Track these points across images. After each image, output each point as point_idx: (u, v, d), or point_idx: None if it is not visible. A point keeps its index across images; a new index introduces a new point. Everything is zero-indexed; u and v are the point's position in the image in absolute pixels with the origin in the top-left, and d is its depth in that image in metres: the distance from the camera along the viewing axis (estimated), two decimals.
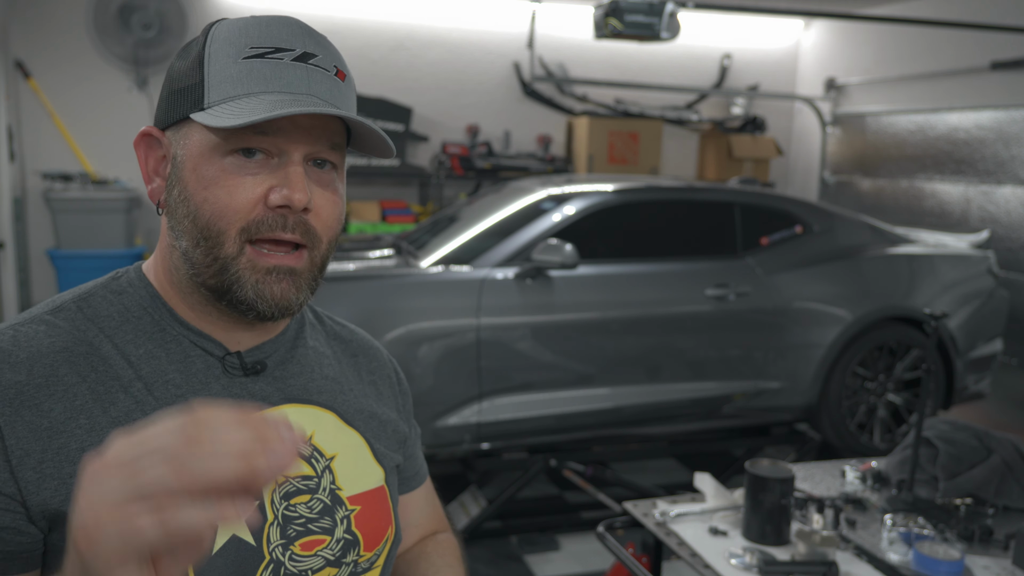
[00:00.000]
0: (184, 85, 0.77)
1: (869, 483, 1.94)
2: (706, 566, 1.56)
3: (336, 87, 0.79)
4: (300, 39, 0.77)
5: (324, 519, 0.83)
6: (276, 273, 0.78)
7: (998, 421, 4.65)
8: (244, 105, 0.73)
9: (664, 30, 3.85)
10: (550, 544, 3.27)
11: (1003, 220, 4.97)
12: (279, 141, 0.76)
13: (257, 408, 0.82)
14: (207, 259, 0.77)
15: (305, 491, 0.83)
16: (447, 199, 5.90)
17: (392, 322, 3.03)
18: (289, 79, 0.76)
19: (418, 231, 3.95)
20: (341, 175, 0.83)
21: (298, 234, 0.78)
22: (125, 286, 0.83)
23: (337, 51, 0.81)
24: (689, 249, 3.62)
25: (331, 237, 0.82)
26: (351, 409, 0.92)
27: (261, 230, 0.76)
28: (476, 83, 5.99)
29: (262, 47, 0.76)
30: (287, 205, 0.76)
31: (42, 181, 5.01)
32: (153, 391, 0.78)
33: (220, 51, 0.76)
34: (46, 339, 0.76)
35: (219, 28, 0.78)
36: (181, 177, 0.78)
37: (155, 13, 5.08)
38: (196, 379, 0.80)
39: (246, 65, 0.75)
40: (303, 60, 0.77)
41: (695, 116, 6.37)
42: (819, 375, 3.68)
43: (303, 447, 0.80)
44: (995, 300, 4.06)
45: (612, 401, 3.37)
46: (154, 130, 0.81)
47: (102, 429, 0.74)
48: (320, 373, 0.91)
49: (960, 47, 5.23)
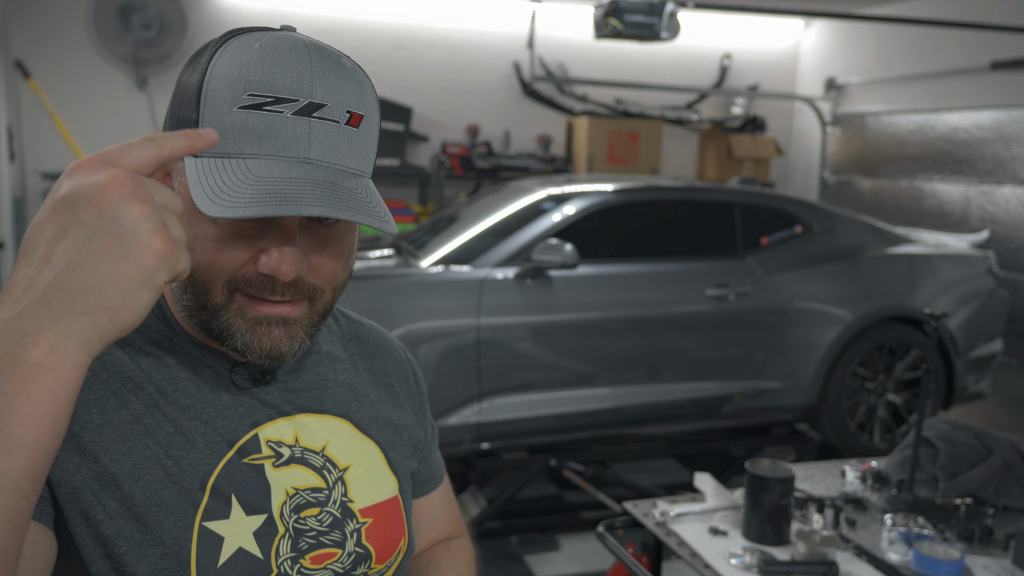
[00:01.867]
0: (184, 115, 0.72)
1: (869, 483, 1.94)
2: (706, 566, 1.56)
3: (344, 140, 0.71)
4: (307, 83, 0.69)
5: (335, 532, 0.81)
6: (267, 323, 0.74)
7: (998, 421, 4.65)
8: (230, 173, 0.67)
9: (664, 30, 3.85)
10: (550, 544, 3.27)
11: (1003, 220, 4.97)
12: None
13: (267, 414, 0.81)
14: (196, 304, 0.74)
15: (315, 504, 0.81)
16: (447, 199, 5.90)
17: (392, 322, 3.03)
18: (287, 139, 0.68)
19: (418, 231, 3.95)
20: (353, 224, 0.77)
21: (288, 295, 0.73)
22: None
23: (358, 82, 0.73)
24: (689, 249, 3.62)
25: (336, 286, 0.78)
26: (366, 417, 0.89)
27: (249, 288, 0.72)
28: (476, 83, 5.99)
29: (261, 96, 0.68)
30: (274, 276, 0.71)
31: (42, 181, 5.01)
32: (165, 396, 0.76)
33: (216, 93, 0.69)
34: None
35: (223, 56, 0.70)
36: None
37: (155, 13, 5.08)
38: (207, 387, 0.79)
39: (240, 117, 0.68)
40: (306, 113, 0.69)
41: (695, 116, 6.37)
42: (819, 375, 3.68)
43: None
44: (995, 300, 4.06)
45: (612, 401, 3.37)
46: None
47: (114, 427, 0.73)
48: (334, 380, 0.88)
49: (960, 47, 5.23)
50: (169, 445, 0.74)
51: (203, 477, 0.75)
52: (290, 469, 0.80)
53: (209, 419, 0.78)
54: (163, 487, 0.73)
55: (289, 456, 0.81)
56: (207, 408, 0.78)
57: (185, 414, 0.76)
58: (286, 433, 0.81)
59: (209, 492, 0.75)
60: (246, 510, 0.76)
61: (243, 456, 0.78)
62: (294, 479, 0.80)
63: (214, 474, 0.75)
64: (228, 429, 0.78)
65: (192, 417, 0.77)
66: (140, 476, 0.72)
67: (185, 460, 0.75)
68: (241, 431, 0.79)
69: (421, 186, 5.96)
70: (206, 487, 0.75)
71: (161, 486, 0.73)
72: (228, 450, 0.77)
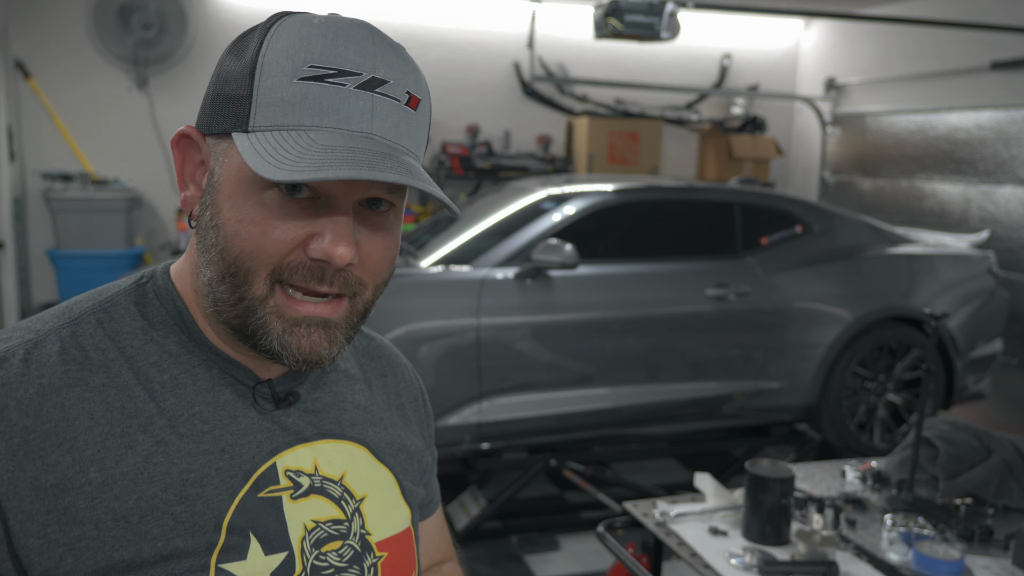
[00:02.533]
0: (231, 93, 0.67)
1: (869, 483, 1.94)
2: (706, 566, 1.56)
3: (405, 120, 0.68)
4: (370, 58, 0.66)
5: (353, 568, 0.77)
6: (307, 324, 0.69)
7: (998, 421, 4.65)
8: (291, 144, 0.63)
9: (664, 30, 3.85)
10: (550, 544, 3.27)
11: (1003, 220, 4.97)
12: (327, 184, 0.66)
13: (287, 440, 0.77)
14: (232, 297, 0.69)
15: (336, 536, 0.76)
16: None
17: (392, 322, 3.03)
18: (349, 112, 0.65)
19: (418, 231, 3.95)
20: (399, 215, 0.73)
21: (336, 287, 0.69)
22: (151, 296, 0.75)
23: (415, 68, 0.70)
24: (689, 249, 3.62)
25: (379, 283, 0.73)
26: (382, 442, 0.85)
27: (294, 277, 0.67)
28: (476, 83, 5.99)
29: (323, 68, 0.65)
30: (327, 260, 0.67)
31: (42, 181, 5.01)
32: (177, 427, 0.70)
33: (275, 64, 0.65)
34: (59, 368, 0.68)
35: (280, 31, 0.67)
36: (215, 200, 0.69)
37: (155, 13, 5.08)
38: (224, 411, 0.73)
39: (301, 88, 0.65)
40: (369, 88, 0.66)
41: (695, 116, 6.37)
42: (819, 375, 3.68)
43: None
44: (995, 300, 4.06)
45: (612, 401, 3.37)
46: (194, 132, 0.72)
47: (116, 482, 0.66)
48: (351, 401, 0.84)
49: (960, 47, 5.23)
50: (183, 484, 0.69)
51: (218, 516, 0.70)
52: (309, 500, 0.76)
53: (226, 447, 0.73)
54: (175, 536, 0.68)
55: (308, 486, 0.76)
56: (224, 435, 0.73)
57: (200, 445, 0.71)
58: (305, 461, 0.77)
59: (225, 532, 0.70)
60: (265, 549, 0.72)
61: (259, 489, 0.73)
62: (313, 511, 0.76)
63: (229, 512, 0.71)
64: (246, 459, 0.73)
65: (208, 448, 0.72)
66: (149, 530, 0.67)
67: (200, 499, 0.69)
68: (259, 460, 0.74)
69: None
70: (222, 527, 0.70)
71: (173, 535, 0.68)
72: (243, 484, 0.72)
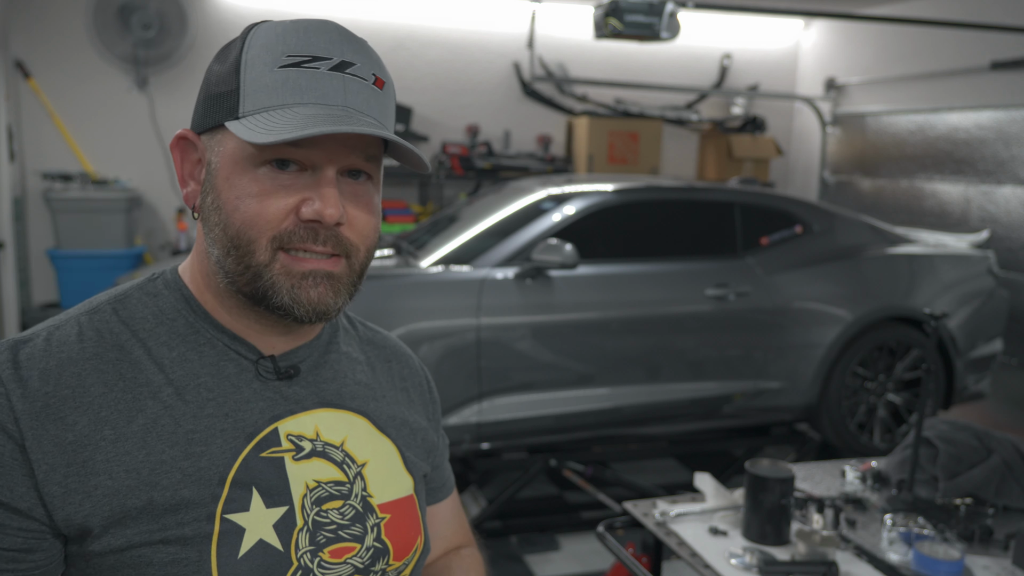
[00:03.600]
0: (220, 91, 0.77)
1: (869, 483, 1.94)
2: (706, 566, 1.56)
3: (373, 96, 0.78)
4: (338, 46, 0.76)
5: (355, 526, 0.82)
6: (313, 277, 0.77)
7: (998, 421, 4.65)
8: (278, 118, 0.72)
9: (664, 30, 3.85)
10: (550, 544, 3.27)
11: (1003, 220, 4.97)
12: (313, 154, 0.75)
13: (288, 408, 0.83)
14: (240, 267, 0.76)
15: (338, 496, 0.82)
16: (447, 199, 5.90)
17: (392, 322, 3.03)
18: (325, 90, 0.75)
19: (418, 231, 3.95)
20: (377, 185, 0.82)
21: (330, 246, 0.77)
22: (161, 288, 0.83)
23: (377, 57, 0.80)
24: (689, 249, 3.62)
25: (369, 246, 0.81)
26: (383, 416, 0.91)
27: (293, 241, 0.76)
28: (476, 83, 5.99)
29: (299, 55, 0.74)
30: (318, 220, 0.75)
31: (42, 181, 5.00)
32: (184, 395, 0.77)
33: (257, 58, 0.75)
34: (76, 345, 0.77)
35: (257, 33, 0.77)
36: (215, 185, 0.77)
37: (155, 13, 5.08)
38: (228, 382, 0.80)
39: (282, 74, 0.74)
40: (340, 69, 0.76)
41: (695, 116, 6.37)
42: (819, 375, 3.68)
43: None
44: (995, 300, 4.06)
45: (612, 401, 3.37)
46: (190, 133, 0.81)
47: (127, 439, 0.74)
48: (353, 378, 0.90)
49: (960, 47, 5.23)
50: (188, 443, 0.76)
51: (222, 472, 0.76)
52: (311, 463, 0.82)
53: (230, 412, 0.79)
54: (182, 487, 0.74)
55: (311, 450, 0.82)
56: (228, 402, 0.79)
57: (204, 409, 0.78)
58: (307, 427, 0.83)
59: (229, 486, 0.76)
60: (267, 502, 0.77)
61: (261, 450, 0.79)
62: (315, 472, 0.81)
63: (233, 468, 0.77)
64: (248, 423, 0.79)
65: (212, 412, 0.78)
66: (158, 481, 0.74)
67: (205, 456, 0.76)
68: (261, 425, 0.80)
69: (421, 186, 5.96)
70: (226, 481, 0.76)
71: (180, 486, 0.74)
72: (246, 444, 0.78)
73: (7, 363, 0.74)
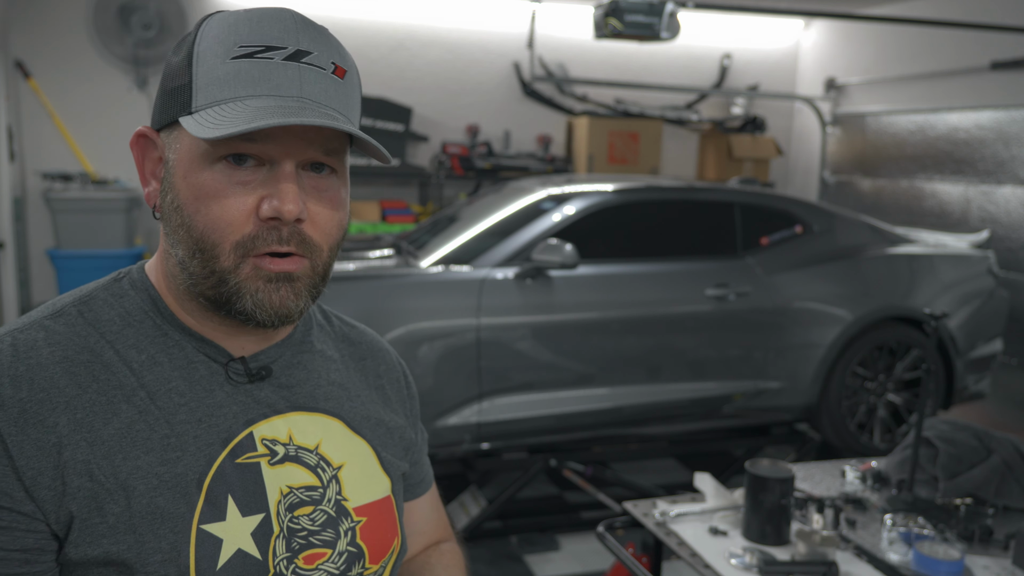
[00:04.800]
0: (174, 85, 0.74)
1: (869, 483, 1.94)
2: (706, 566, 1.56)
3: (332, 86, 0.74)
4: (293, 35, 0.73)
5: (327, 531, 0.81)
6: (275, 281, 0.75)
7: (998, 421, 4.64)
8: (228, 112, 0.70)
9: (664, 30, 3.85)
10: (550, 544, 3.27)
11: (1003, 220, 4.97)
12: (269, 148, 0.72)
13: (261, 412, 0.81)
14: (204, 271, 0.74)
15: (309, 502, 0.81)
16: (447, 199, 5.90)
17: (392, 322, 3.03)
18: (278, 81, 0.71)
19: (418, 231, 3.95)
20: (343, 179, 0.79)
21: (293, 245, 0.74)
22: (127, 288, 0.81)
23: (338, 45, 0.77)
24: (689, 249, 3.62)
25: (331, 244, 0.79)
26: (358, 416, 0.89)
27: (257, 245, 0.73)
28: (476, 83, 5.99)
29: (251, 46, 0.71)
30: (278, 217, 0.73)
31: (42, 181, 5.01)
32: (156, 400, 0.76)
33: (208, 50, 0.72)
34: (45, 348, 0.74)
35: (209, 24, 0.74)
36: (173, 183, 0.75)
37: (155, 13, 5.08)
38: (200, 386, 0.78)
39: (234, 66, 0.71)
40: (295, 59, 0.72)
41: (695, 116, 6.37)
42: (819, 375, 3.68)
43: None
44: (995, 300, 4.06)
45: (612, 401, 3.37)
46: (149, 131, 0.79)
47: (104, 443, 0.72)
48: (327, 379, 0.88)
49: (960, 47, 5.23)
50: (163, 449, 0.74)
51: (199, 478, 0.75)
52: (285, 467, 0.80)
53: (203, 418, 0.77)
54: (158, 495, 0.73)
55: (284, 454, 0.81)
56: (201, 407, 0.78)
57: (178, 415, 0.76)
58: (280, 431, 0.81)
59: (204, 494, 0.75)
60: (242, 511, 0.76)
61: (237, 456, 0.78)
62: (288, 477, 0.80)
63: (209, 475, 0.75)
64: (223, 428, 0.78)
65: (185, 418, 0.76)
66: (135, 487, 0.72)
67: (180, 462, 0.74)
68: (236, 429, 0.79)
69: (421, 186, 5.96)
70: (202, 488, 0.75)
71: (156, 494, 0.73)
72: (221, 450, 0.77)
73: None
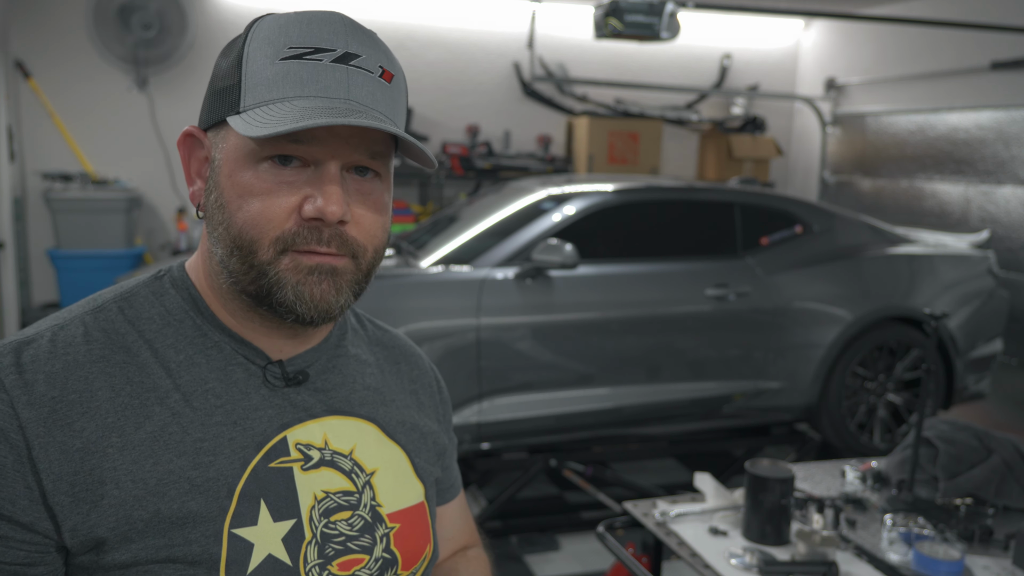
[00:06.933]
0: (223, 86, 0.75)
1: (869, 483, 1.94)
2: (706, 566, 1.56)
3: (379, 90, 0.75)
4: (343, 38, 0.73)
5: (364, 537, 0.80)
6: (317, 273, 0.74)
7: (998, 421, 4.64)
8: (276, 112, 0.70)
9: (664, 30, 3.85)
10: (550, 544, 3.27)
11: (1003, 220, 4.97)
12: (314, 150, 0.72)
13: (297, 416, 0.81)
14: (243, 267, 0.74)
15: (346, 507, 0.80)
16: (447, 199, 5.90)
17: (392, 322, 3.00)
18: (327, 82, 0.72)
19: (418, 231, 3.95)
20: (386, 183, 0.79)
21: (334, 247, 0.74)
22: (168, 287, 0.81)
23: (386, 49, 0.77)
24: (689, 249, 3.62)
25: (377, 246, 0.78)
26: (393, 421, 0.88)
27: (296, 243, 0.73)
28: (476, 83, 5.99)
29: (301, 47, 0.72)
30: (320, 218, 0.72)
31: (42, 181, 5.00)
32: (191, 401, 0.75)
33: (258, 51, 0.72)
34: (83, 346, 0.74)
35: (260, 26, 0.74)
36: (218, 182, 0.75)
37: (155, 13, 5.08)
38: (236, 388, 0.78)
39: (283, 67, 0.72)
40: (344, 61, 0.73)
41: (695, 116, 6.37)
42: (819, 375, 3.68)
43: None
44: (995, 300, 4.06)
45: (612, 401, 3.37)
46: (196, 130, 0.79)
47: (135, 447, 0.72)
48: (362, 383, 0.88)
49: (960, 47, 5.23)
50: (196, 452, 0.74)
51: (231, 483, 0.74)
52: (320, 472, 0.80)
53: (238, 420, 0.77)
54: (190, 499, 0.72)
55: (319, 459, 0.80)
56: (236, 409, 0.77)
57: (213, 417, 0.76)
58: (316, 436, 0.81)
59: (237, 498, 0.74)
60: (274, 516, 0.75)
61: (270, 460, 0.77)
62: (324, 483, 0.79)
63: (242, 480, 0.75)
64: (257, 431, 0.77)
65: (220, 420, 0.76)
66: (166, 492, 0.71)
67: (213, 467, 0.74)
68: (270, 433, 0.78)
69: (421, 186, 5.96)
70: (234, 493, 0.74)
71: (188, 498, 0.72)
72: (255, 454, 0.76)
73: (11, 367, 0.71)
